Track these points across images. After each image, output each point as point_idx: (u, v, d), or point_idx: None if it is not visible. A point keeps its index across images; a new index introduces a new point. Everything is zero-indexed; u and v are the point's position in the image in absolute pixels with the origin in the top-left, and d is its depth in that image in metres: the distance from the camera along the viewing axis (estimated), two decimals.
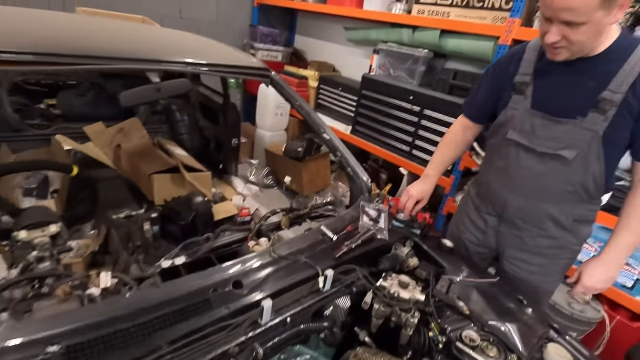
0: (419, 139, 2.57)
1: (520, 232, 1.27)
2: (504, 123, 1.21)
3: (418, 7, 2.47)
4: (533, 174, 1.18)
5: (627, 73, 0.99)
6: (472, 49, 2.25)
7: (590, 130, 1.05)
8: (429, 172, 1.43)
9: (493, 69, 1.30)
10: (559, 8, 0.91)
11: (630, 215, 1.09)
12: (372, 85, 2.81)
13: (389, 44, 2.72)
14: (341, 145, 1.51)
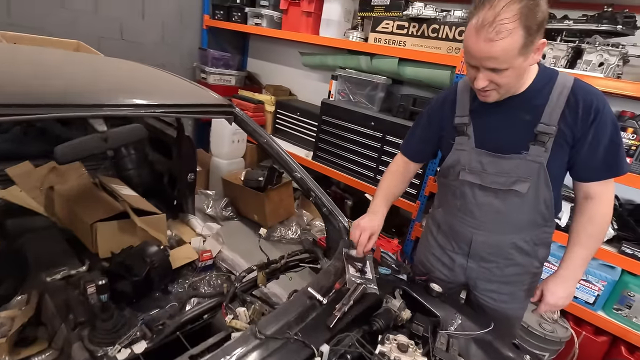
0: (383, 165, 2.56)
1: (488, 264, 1.27)
2: (454, 164, 1.21)
3: (374, 36, 2.50)
4: (492, 210, 1.18)
5: (554, 105, 1.05)
6: (430, 77, 2.31)
7: (535, 162, 1.09)
8: (377, 206, 1.33)
9: (428, 113, 1.30)
10: (483, 57, 0.95)
11: (580, 232, 1.15)
12: (332, 111, 2.78)
13: (347, 70, 2.71)
14: (314, 185, 1.41)
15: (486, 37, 0.91)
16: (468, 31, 0.96)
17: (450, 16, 2.19)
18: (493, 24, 0.89)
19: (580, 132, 1.04)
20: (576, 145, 1.07)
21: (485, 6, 0.91)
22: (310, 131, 3.12)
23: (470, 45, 0.96)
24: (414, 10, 2.24)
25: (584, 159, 1.08)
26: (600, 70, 1.72)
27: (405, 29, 2.35)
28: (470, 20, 0.95)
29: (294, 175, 1.42)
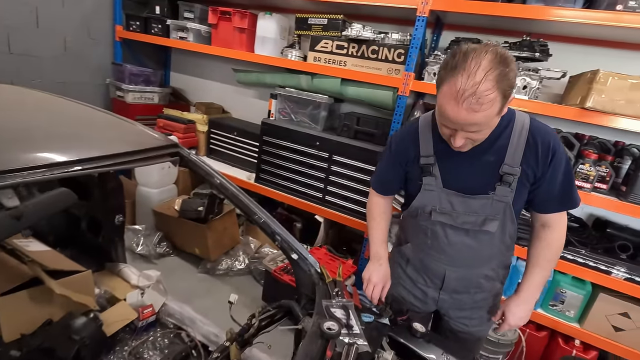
0: (331, 185, 2.52)
1: (460, 295, 1.31)
2: (423, 205, 1.21)
3: (314, 55, 2.45)
4: (465, 247, 1.21)
5: (516, 146, 1.08)
6: (373, 97, 2.34)
7: (502, 202, 1.12)
8: (379, 252, 1.32)
9: (390, 152, 1.28)
10: (464, 124, 0.93)
11: (539, 256, 1.20)
12: (274, 131, 2.65)
13: (287, 89, 2.62)
14: (278, 227, 1.29)
15: (468, 107, 0.89)
16: (444, 96, 0.92)
17: (388, 38, 2.25)
18: (475, 95, 0.87)
19: (540, 171, 1.09)
20: (536, 183, 1.12)
21: (460, 71, 0.87)
22: (251, 152, 2.95)
23: (449, 112, 0.92)
24: (352, 31, 2.24)
25: (543, 194, 1.13)
26: (524, 93, 1.89)
27: (345, 49, 2.34)
28: (443, 82, 0.92)
29: (254, 218, 1.27)
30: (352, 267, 2.44)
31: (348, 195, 2.48)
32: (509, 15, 1.80)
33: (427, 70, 2.11)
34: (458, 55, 0.90)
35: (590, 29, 1.88)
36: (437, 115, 1.02)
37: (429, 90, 2.07)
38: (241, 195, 1.29)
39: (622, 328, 1.84)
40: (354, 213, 2.47)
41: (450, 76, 0.90)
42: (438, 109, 0.98)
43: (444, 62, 0.94)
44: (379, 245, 1.34)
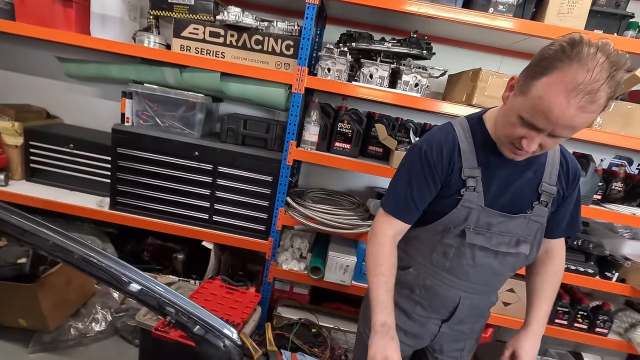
0: (220, 202, 2.08)
1: (462, 326, 1.15)
2: (457, 222, 1.02)
3: (180, 42, 1.95)
4: (490, 271, 1.06)
5: (552, 164, 1.03)
6: (261, 96, 2.00)
7: (538, 222, 1.04)
8: (387, 321, 1.00)
9: (426, 161, 1.02)
10: (562, 125, 0.78)
11: (545, 285, 1.12)
12: (133, 141, 2.03)
13: (146, 85, 2.02)
14: (173, 295, 0.84)
15: (579, 105, 0.74)
16: (550, 87, 0.76)
17: (274, 27, 1.94)
18: (591, 94, 0.72)
19: (567, 193, 1.05)
20: (561, 205, 1.07)
21: (583, 63, 0.72)
22: (99, 169, 2.21)
23: (554, 106, 0.76)
24: (229, 16, 1.85)
25: (559, 219, 1.09)
26: (416, 90, 1.89)
27: (222, 37, 1.93)
28: (554, 70, 0.76)
29: (127, 290, 0.79)
30: (255, 296, 2.06)
31: (240, 212, 2.09)
32: (390, 7, 1.72)
33: (320, 65, 1.91)
34: (581, 45, 0.73)
35: (465, 32, 1.99)
36: (520, 111, 0.83)
37: (325, 87, 1.87)
38: (95, 255, 0.78)
39: (510, 302, 2.06)
40: (249, 231, 2.10)
41: (567, 65, 0.74)
42: (532, 100, 0.80)
43: (554, 48, 0.77)
44: (389, 312, 1.01)
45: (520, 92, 0.84)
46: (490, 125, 1.00)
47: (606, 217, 1.89)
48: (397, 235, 1.08)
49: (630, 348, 2.01)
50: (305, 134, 1.95)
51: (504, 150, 0.94)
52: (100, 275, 0.78)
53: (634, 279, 1.93)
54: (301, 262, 2.17)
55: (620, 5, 1.78)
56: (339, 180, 2.53)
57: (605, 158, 2.31)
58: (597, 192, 1.99)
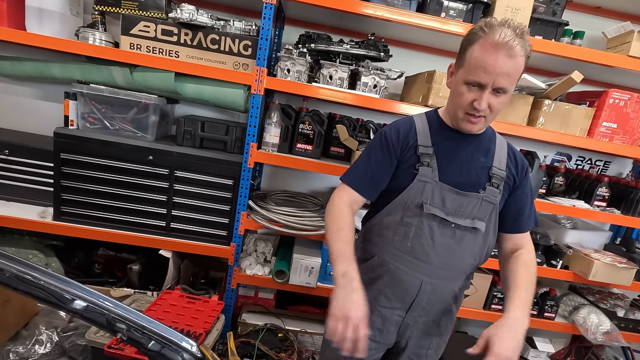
0: (178, 208, 1.98)
1: (426, 317, 1.16)
2: (415, 196, 1.09)
3: (130, 40, 1.84)
4: (447, 250, 1.10)
5: (500, 152, 1.14)
6: (219, 97, 1.93)
7: (491, 203, 1.11)
8: (349, 271, 0.98)
9: (386, 139, 1.14)
10: (499, 73, 0.95)
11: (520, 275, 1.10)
12: (79, 145, 1.88)
13: (92, 85, 1.89)
14: (123, 309, 0.78)
15: (507, 52, 0.93)
16: (479, 48, 0.97)
17: (230, 27, 1.89)
18: (514, 41, 0.93)
19: (518, 181, 1.15)
20: (514, 192, 1.16)
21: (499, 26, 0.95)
22: (41, 177, 2.03)
23: (487, 60, 0.95)
24: (183, 14, 1.77)
25: (516, 210, 1.17)
26: (375, 92, 1.92)
27: (176, 36, 1.84)
28: (477, 39, 0.98)
29: (71, 308, 0.72)
30: (218, 304, 1.99)
31: (200, 218, 2.01)
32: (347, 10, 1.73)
33: (279, 66, 1.88)
34: (490, 20, 0.98)
35: (420, 35, 2.06)
36: (463, 78, 1.01)
37: (285, 89, 1.85)
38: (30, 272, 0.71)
39: (467, 294, 2.15)
40: (210, 237, 2.02)
41: (488, 32, 0.95)
42: (469, 64, 0.99)
43: (474, 30, 1.00)
44: (350, 260, 1.02)
45: (458, 67, 1.05)
46: (443, 114, 1.16)
47: (550, 210, 2.04)
48: (353, 204, 1.15)
49: (574, 329, 2.18)
50: (266, 136, 1.92)
51: (461, 124, 1.07)
52: (38, 294, 0.70)
53: (576, 265, 2.09)
54: (265, 266, 2.12)
55: (557, 14, 1.93)
56: (301, 181, 2.52)
57: (548, 154, 2.50)
58: (542, 187, 2.14)
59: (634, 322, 2.20)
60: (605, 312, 2.18)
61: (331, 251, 1.05)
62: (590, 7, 2.26)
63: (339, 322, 0.92)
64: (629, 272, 2.01)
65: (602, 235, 2.35)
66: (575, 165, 2.57)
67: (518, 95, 1.92)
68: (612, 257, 2.07)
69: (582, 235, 2.29)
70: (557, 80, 1.89)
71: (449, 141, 1.12)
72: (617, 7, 2.23)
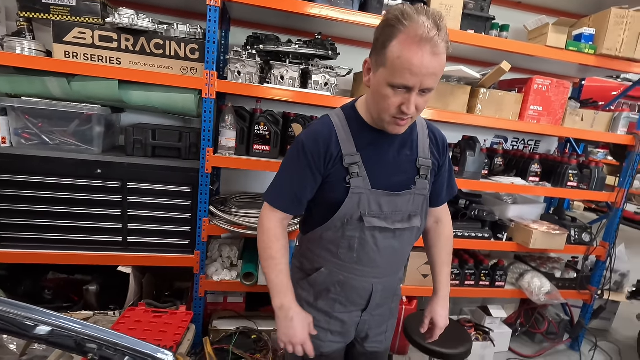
0: (134, 221, 1.91)
1: (381, 309, 1.21)
2: (352, 210, 1.04)
3: (64, 49, 1.72)
4: (392, 251, 1.12)
5: (423, 140, 1.12)
6: (169, 103, 1.88)
7: (422, 195, 1.12)
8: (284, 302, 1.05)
9: (305, 153, 1.03)
10: (427, 74, 0.86)
11: (443, 253, 1.25)
12: (16, 164, 1.75)
13: (23, 99, 1.75)
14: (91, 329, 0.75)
15: (432, 50, 0.84)
16: (403, 45, 0.85)
17: (175, 30, 1.84)
18: (438, 37, 0.84)
19: (440, 162, 1.16)
20: (437, 174, 1.16)
21: (419, 16, 0.84)
22: None
23: (413, 59, 0.85)
24: (122, 18, 1.70)
25: (438, 187, 1.19)
26: (326, 89, 1.98)
27: (116, 42, 1.76)
28: (398, 33, 0.86)
29: (34, 335, 0.69)
30: (187, 315, 1.94)
31: (159, 229, 1.95)
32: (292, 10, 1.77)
33: (229, 69, 1.87)
34: (405, 9, 0.86)
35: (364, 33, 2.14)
36: (387, 80, 0.90)
37: (238, 91, 1.84)
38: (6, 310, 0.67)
39: (428, 274, 2.30)
40: (172, 247, 1.97)
41: (408, 24, 0.84)
42: (392, 65, 0.87)
43: (390, 21, 0.88)
44: (284, 293, 1.06)
45: (378, 65, 0.92)
46: (363, 112, 1.06)
47: (493, 188, 2.24)
48: (283, 220, 1.11)
49: (522, 294, 2.42)
50: (222, 140, 1.90)
51: (388, 127, 0.99)
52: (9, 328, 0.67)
53: (518, 236, 2.32)
54: (232, 270, 2.11)
55: (484, 9, 2.11)
56: (261, 182, 2.52)
57: (487, 138, 2.72)
58: (484, 168, 2.34)
59: (570, 280, 2.49)
60: (545, 275, 2.44)
61: (267, 281, 1.07)
62: (512, 2, 2.49)
63: (287, 346, 1.05)
64: (562, 238, 2.27)
65: (538, 207, 2.62)
66: (511, 146, 2.83)
67: (457, 85, 2.08)
68: (548, 225, 2.32)
69: (521, 209, 2.53)
70: (490, 70, 2.07)
71: (374, 144, 1.05)
72: (535, 1, 2.48)
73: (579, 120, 2.27)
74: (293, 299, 1.06)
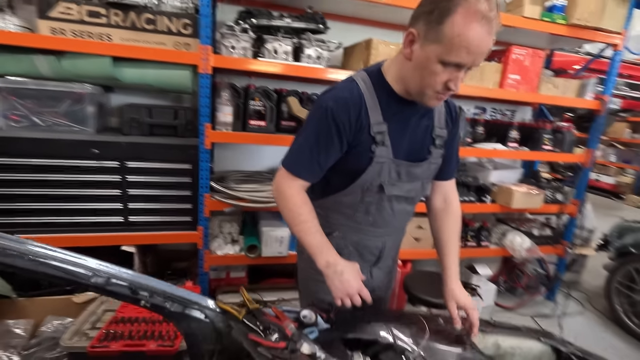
0: (134, 200, 1.91)
1: (387, 261, 1.27)
2: (373, 179, 1.05)
3: (50, 25, 1.66)
4: (405, 214, 1.19)
5: (438, 109, 1.10)
6: (163, 80, 1.86)
7: (436, 164, 1.14)
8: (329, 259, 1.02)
9: (333, 120, 0.98)
10: (481, 53, 0.85)
11: (453, 232, 1.22)
12: (5, 148, 1.70)
13: (9, 78, 1.68)
14: (141, 278, 0.80)
15: (489, 30, 0.82)
16: (463, 20, 0.80)
17: (165, 5, 1.81)
18: (493, 19, 0.81)
19: (452, 132, 1.14)
20: (448, 144, 1.14)
21: None
22: None
23: (474, 37, 0.81)
24: None
25: (448, 158, 1.16)
26: (319, 62, 2.02)
27: (105, 18, 1.72)
28: (458, 7, 0.80)
29: (92, 284, 0.73)
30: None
31: (161, 207, 1.96)
32: None
33: (223, 44, 1.87)
34: None
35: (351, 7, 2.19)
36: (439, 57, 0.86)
37: (234, 66, 1.86)
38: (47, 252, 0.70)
39: (420, 238, 2.44)
40: (174, 225, 1.99)
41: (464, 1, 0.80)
42: (450, 42, 0.83)
43: None
44: (326, 250, 1.03)
45: (430, 41, 0.86)
46: (393, 80, 1.02)
47: (478, 154, 2.40)
48: (302, 187, 1.08)
49: (504, 252, 2.62)
50: (220, 115, 1.92)
51: (428, 101, 0.97)
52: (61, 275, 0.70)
53: (501, 198, 2.50)
54: (235, 245, 2.16)
55: None
56: (254, 161, 2.54)
57: (469, 108, 2.87)
58: (468, 136, 2.48)
59: (545, 237, 2.72)
60: (525, 233, 2.65)
61: (305, 246, 1.05)
62: None
63: (345, 300, 1.01)
64: (540, 197, 2.47)
65: (517, 171, 2.81)
66: (490, 116, 2.99)
67: None
68: (526, 187, 2.51)
69: (501, 174, 2.72)
70: None
71: (399, 114, 1.04)
72: None
73: (553, 88, 2.44)
74: (335, 254, 1.04)
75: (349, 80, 1.05)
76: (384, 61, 1.07)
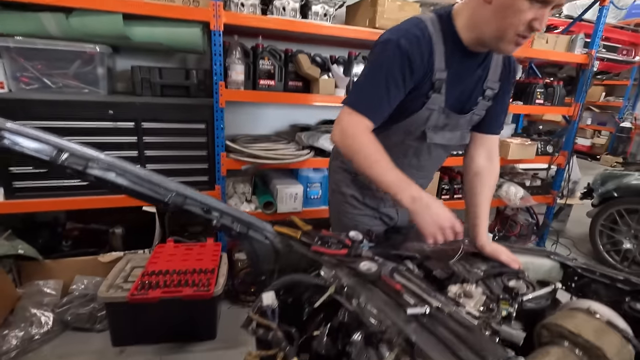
0: (151, 161, 1.93)
1: None
2: (419, 124, 1.04)
3: None
4: (439, 160, 1.24)
5: (497, 61, 1.07)
6: (173, 38, 1.85)
7: (479, 115, 1.12)
8: (412, 193, 0.93)
9: (403, 64, 0.94)
10: None
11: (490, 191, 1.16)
12: (16, 110, 1.67)
13: (17, 38, 1.64)
14: (210, 200, 0.86)
15: None
16: None
17: None
18: None
19: (505, 87, 1.11)
20: (497, 98, 1.10)
21: None
22: None
23: None
24: None
25: (496, 112, 1.14)
26: (326, 19, 2.05)
27: None
28: None
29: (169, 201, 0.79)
30: (216, 245, 2.06)
31: (177, 168, 1.99)
32: None
33: (232, 1, 1.87)
34: None
35: None
36: None
37: (245, 22, 1.86)
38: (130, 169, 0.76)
39: None
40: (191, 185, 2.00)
41: None
42: None
43: None
44: (407, 186, 0.95)
45: None
46: (463, 28, 0.97)
47: None
48: (368, 128, 1.01)
49: (500, 202, 2.79)
50: (232, 74, 1.93)
51: (505, 46, 0.92)
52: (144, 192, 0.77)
53: None
54: (250, 204, 2.23)
55: None
56: (261, 124, 2.57)
57: None
58: None
59: (536, 187, 2.91)
60: (518, 184, 2.83)
61: (383, 185, 0.97)
62: None
63: (438, 235, 0.92)
64: (533, 148, 2.63)
65: (509, 127, 2.97)
66: None
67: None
68: (521, 139, 2.66)
69: None
70: None
71: (460, 63, 1.00)
72: None
73: (545, 43, 2.55)
74: (418, 187, 0.96)
75: (417, 19, 0.99)
76: (454, 4, 1.02)
